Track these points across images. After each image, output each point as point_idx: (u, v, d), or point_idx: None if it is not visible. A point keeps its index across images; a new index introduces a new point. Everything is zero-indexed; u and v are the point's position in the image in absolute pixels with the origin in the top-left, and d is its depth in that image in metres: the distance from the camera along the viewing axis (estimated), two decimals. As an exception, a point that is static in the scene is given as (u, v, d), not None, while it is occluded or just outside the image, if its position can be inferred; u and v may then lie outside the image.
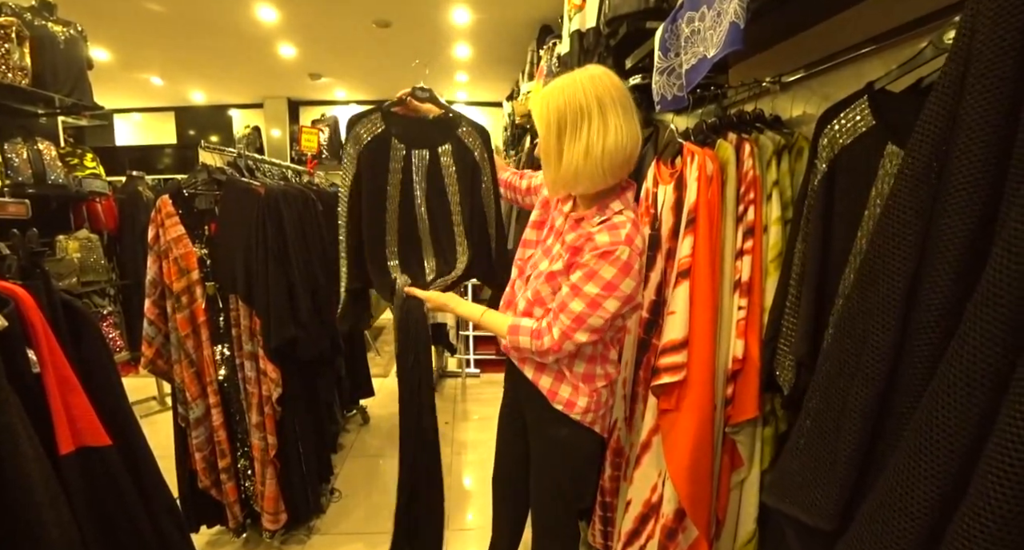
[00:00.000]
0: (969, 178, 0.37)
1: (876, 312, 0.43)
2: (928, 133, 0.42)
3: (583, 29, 1.79)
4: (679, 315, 1.01)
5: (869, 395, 0.43)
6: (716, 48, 0.86)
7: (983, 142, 0.37)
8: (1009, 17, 0.34)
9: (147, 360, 1.72)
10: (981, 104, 0.36)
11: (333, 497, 2.22)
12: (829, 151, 0.80)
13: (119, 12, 3.51)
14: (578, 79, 0.89)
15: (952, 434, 0.34)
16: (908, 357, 0.42)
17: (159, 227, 1.67)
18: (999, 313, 0.33)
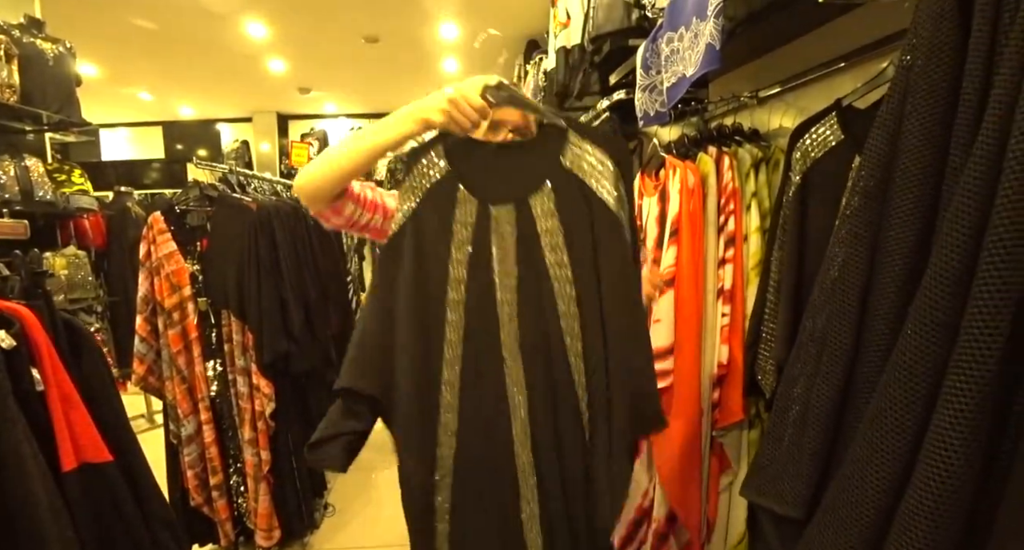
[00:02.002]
0: (909, 195, 0.42)
1: (835, 317, 0.47)
2: (874, 153, 0.46)
3: (568, 46, 1.85)
4: (664, 323, 1.04)
5: (829, 393, 0.46)
6: (694, 67, 0.91)
7: (920, 163, 0.41)
8: (941, 54, 0.38)
9: (138, 377, 1.71)
10: (918, 130, 0.40)
11: (327, 512, 2.20)
12: (802, 164, 0.85)
13: (108, 28, 3.53)
14: None
15: (898, 425, 0.38)
16: (863, 357, 0.46)
17: (151, 244, 1.67)
18: (935, 316, 0.36)
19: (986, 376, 0.33)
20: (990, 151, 0.33)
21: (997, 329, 0.32)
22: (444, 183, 0.76)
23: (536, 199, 0.76)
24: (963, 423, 0.33)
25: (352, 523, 2.15)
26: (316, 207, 0.84)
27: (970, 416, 0.33)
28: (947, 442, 0.33)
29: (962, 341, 0.34)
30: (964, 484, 0.34)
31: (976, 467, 0.34)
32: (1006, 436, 0.35)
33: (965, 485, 0.34)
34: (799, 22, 1.14)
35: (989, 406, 0.33)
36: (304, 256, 2.01)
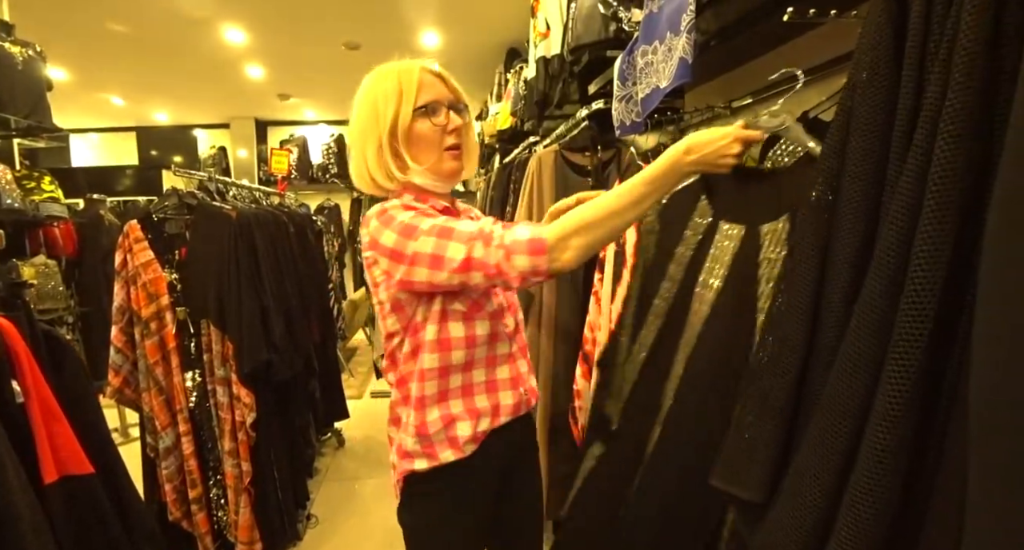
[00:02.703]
0: (853, 206, 0.46)
1: (793, 317, 0.51)
2: (824, 168, 0.51)
3: (548, 56, 1.89)
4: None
5: (785, 387, 0.50)
6: (667, 80, 0.94)
7: (863, 178, 0.45)
8: (879, 76, 0.42)
9: (114, 389, 1.68)
10: (861, 145, 0.44)
11: (310, 523, 2.17)
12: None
13: (80, 31, 3.45)
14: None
15: (845, 411, 0.42)
16: (815, 353, 0.50)
17: (127, 252, 1.64)
18: (875, 312, 0.40)
19: (916, 365, 0.37)
20: (918, 167, 0.37)
21: (924, 323, 0.36)
22: (692, 188, 0.85)
23: (769, 227, 0.75)
24: (898, 407, 0.37)
25: (336, 534, 2.13)
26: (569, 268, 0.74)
27: (904, 401, 0.37)
28: (886, 424, 0.37)
29: (896, 334, 0.38)
30: (901, 460, 0.38)
31: (909, 447, 0.38)
32: (936, 420, 0.39)
33: (902, 462, 0.38)
34: (768, 37, 1.19)
35: (920, 392, 0.37)
36: (285, 264, 2.00)
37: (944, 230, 0.35)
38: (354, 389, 3.86)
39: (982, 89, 0.34)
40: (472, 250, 0.73)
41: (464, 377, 0.84)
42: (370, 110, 0.83)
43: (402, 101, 0.81)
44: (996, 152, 0.35)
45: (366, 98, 0.85)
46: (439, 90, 0.85)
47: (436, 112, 0.83)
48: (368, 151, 0.83)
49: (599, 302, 1.34)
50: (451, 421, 0.83)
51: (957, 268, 0.36)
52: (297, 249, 2.18)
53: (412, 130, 0.82)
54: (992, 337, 0.32)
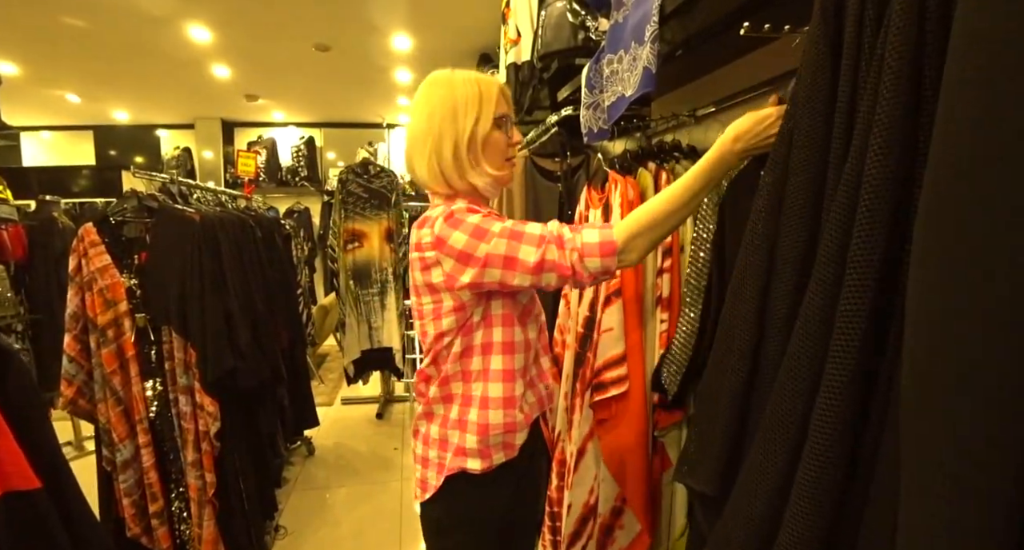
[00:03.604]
0: (795, 213, 0.49)
1: (740, 318, 0.53)
2: (770, 173, 0.53)
3: (519, 62, 1.91)
4: (615, 332, 1.08)
5: (735, 384, 0.52)
6: (632, 88, 0.97)
7: (805, 188, 0.48)
8: (819, 94, 0.45)
9: (67, 400, 1.60)
10: (802, 157, 0.47)
11: (278, 534, 2.12)
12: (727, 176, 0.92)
13: (31, 24, 3.29)
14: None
15: (791, 409, 0.44)
16: (764, 353, 0.52)
17: (81, 257, 1.58)
18: (816, 314, 0.43)
19: (853, 365, 0.39)
20: (852, 178, 0.40)
21: (859, 324, 0.39)
22: (752, 167, 0.81)
23: None
24: (838, 403, 0.40)
25: (305, 545, 2.08)
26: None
27: (843, 398, 0.40)
28: (826, 419, 0.40)
29: (835, 336, 0.41)
30: (842, 454, 0.40)
31: (848, 441, 0.40)
32: (872, 415, 0.41)
33: (842, 455, 0.40)
34: (729, 49, 1.24)
35: (857, 389, 0.40)
36: (252, 269, 1.95)
37: (875, 236, 0.38)
38: (324, 396, 3.78)
39: (907, 104, 0.37)
40: (546, 252, 0.77)
41: (523, 382, 0.90)
42: (450, 112, 0.86)
43: (482, 109, 0.87)
44: (922, 164, 0.38)
45: (445, 99, 0.87)
46: (507, 106, 0.92)
47: (506, 125, 0.90)
48: (444, 150, 0.87)
49: (568, 304, 1.36)
50: (512, 429, 0.88)
51: (888, 273, 0.39)
52: (264, 253, 2.13)
53: (489, 137, 0.88)
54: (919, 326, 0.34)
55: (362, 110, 5.71)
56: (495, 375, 0.86)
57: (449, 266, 0.81)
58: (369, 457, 2.88)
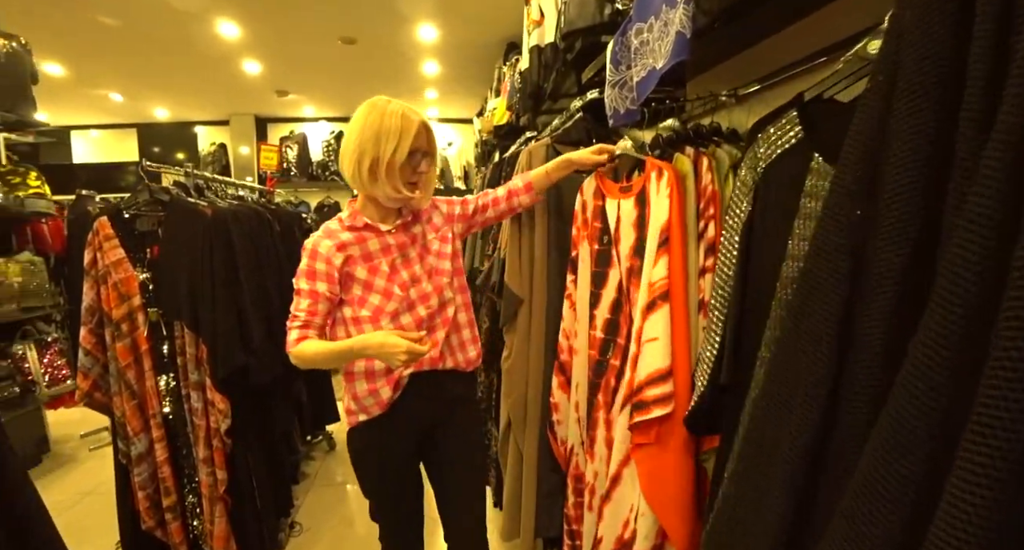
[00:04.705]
0: (902, 197, 0.33)
1: (807, 352, 0.38)
2: (856, 149, 0.38)
3: (542, 44, 1.79)
4: (661, 342, 0.93)
5: (799, 448, 0.37)
6: (664, 58, 0.84)
7: (915, 156, 0.32)
8: (938, 15, 0.30)
9: (83, 393, 1.60)
10: (912, 116, 0.32)
11: (293, 531, 2.09)
12: (753, 165, 0.77)
13: (71, 26, 3.39)
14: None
15: (892, 502, 0.28)
16: (842, 405, 0.36)
17: (96, 250, 1.57)
18: (944, 359, 0.27)
19: (1014, 437, 0.23)
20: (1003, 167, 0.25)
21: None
22: (795, 151, 0.73)
23: None
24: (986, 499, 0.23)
25: (319, 543, 2.04)
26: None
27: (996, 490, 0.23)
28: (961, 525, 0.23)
29: (982, 392, 0.24)
30: None
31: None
32: None
33: None
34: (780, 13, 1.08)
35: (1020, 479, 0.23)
36: (268, 263, 1.91)
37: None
38: (350, 390, 3.78)
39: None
40: (290, 316, 1.15)
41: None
42: (373, 135, 1.08)
43: (401, 141, 1.07)
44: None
45: (371, 125, 1.08)
46: (423, 142, 1.12)
47: (414, 157, 1.11)
48: (363, 163, 1.09)
49: (574, 306, 1.24)
50: (374, 392, 1.17)
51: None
52: (282, 248, 2.09)
53: (398, 165, 1.08)
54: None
55: (391, 104, 5.68)
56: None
57: None
58: (389, 455, 2.84)
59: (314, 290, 1.10)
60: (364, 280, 1.13)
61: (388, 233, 1.16)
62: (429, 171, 1.16)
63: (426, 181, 1.17)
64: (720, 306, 0.75)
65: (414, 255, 1.19)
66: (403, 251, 1.18)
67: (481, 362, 1.35)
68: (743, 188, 0.76)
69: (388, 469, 1.23)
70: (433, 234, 1.24)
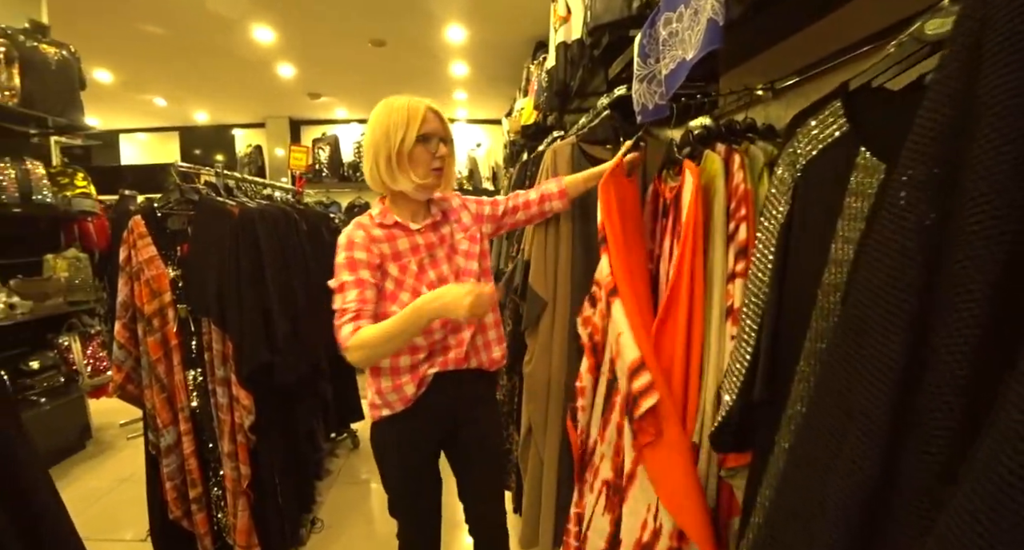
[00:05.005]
0: (996, 187, 0.26)
1: (864, 384, 0.31)
2: (929, 135, 0.31)
3: (568, 41, 1.75)
4: (626, 334, 0.96)
5: (855, 490, 0.30)
6: (695, 49, 0.79)
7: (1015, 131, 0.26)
8: None
9: (116, 385, 1.65)
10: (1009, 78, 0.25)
11: (315, 528, 2.11)
12: (792, 161, 0.71)
13: (119, 34, 3.56)
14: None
15: None
16: (908, 442, 0.29)
17: (131, 248, 1.62)
18: None
19: None
20: None
21: None
22: (839, 145, 0.67)
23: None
24: None
25: (340, 540, 2.05)
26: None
27: None
28: None
29: None
30: None
31: None
32: None
33: None
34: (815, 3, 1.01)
35: None
36: (294, 262, 1.94)
37: None
38: (375, 389, 3.81)
39: None
40: (336, 317, 1.07)
41: (411, 358, 1.16)
42: (383, 131, 1.10)
43: (408, 129, 1.08)
44: None
45: (380, 121, 1.11)
46: (435, 126, 1.12)
47: (430, 141, 1.11)
48: (379, 160, 1.11)
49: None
50: (398, 387, 1.16)
51: None
52: (309, 247, 2.12)
53: (412, 152, 1.10)
54: None
55: (420, 106, 5.74)
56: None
57: None
58: (411, 454, 2.84)
59: (359, 279, 1.08)
60: (395, 277, 1.13)
61: (417, 233, 1.17)
62: (450, 157, 1.16)
63: (448, 170, 1.17)
64: (753, 314, 0.69)
65: (442, 255, 1.19)
66: (431, 251, 1.18)
67: (504, 363, 1.33)
68: (780, 187, 0.70)
69: (409, 464, 1.23)
70: (462, 234, 1.23)
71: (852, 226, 0.62)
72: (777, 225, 0.69)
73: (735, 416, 0.69)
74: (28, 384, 2.40)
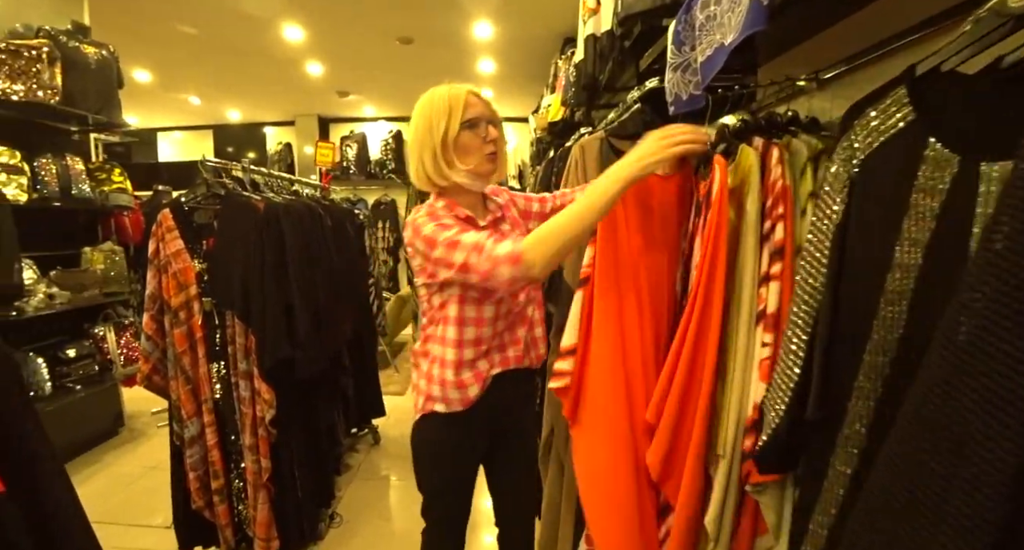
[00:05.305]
0: None
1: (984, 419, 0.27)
2: None
3: (597, 33, 1.69)
4: (572, 319, 0.96)
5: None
6: (735, 32, 0.74)
7: None
8: None
9: (143, 375, 1.68)
10: None
11: (334, 522, 2.12)
12: (848, 156, 0.64)
13: (156, 35, 3.67)
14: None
15: None
16: None
17: (159, 241, 1.64)
18: None
19: None
20: None
21: None
22: (904, 137, 0.60)
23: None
24: None
25: (358, 536, 2.05)
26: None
27: None
28: None
29: None
30: None
31: None
32: None
33: None
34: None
35: None
36: (317, 257, 1.94)
37: None
38: (398, 385, 3.83)
39: None
40: (468, 258, 0.94)
41: (474, 350, 1.08)
42: (426, 125, 1.04)
43: (451, 118, 1.03)
44: None
45: (422, 115, 1.06)
46: (480, 109, 1.06)
47: (478, 126, 1.05)
48: (425, 157, 1.05)
49: None
50: (462, 385, 1.08)
51: None
52: (333, 242, 2.12)
53: (459, 140, 1.04)
54: None
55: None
56: (448, 341, 1.07)
57: (419, 261, 1.04)
58: (431, 452, 2.83)
59: (464, 228, 0.99)
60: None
61: (483, 229, 1.09)
62: (501, 141, 1.08)
63: (501, 153, 1.10)
64: (803, 324, 0.63)
65: None
66: None
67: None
68: (835, 184, 0.64)
69: (455, 471, 1.17)
70: (517, 232, 1.19)
71: (921, 226, 0.56)
72: (831, 226, 0.62)
73: (782, 435, 0.63)
74: (65, 371, 2.48)
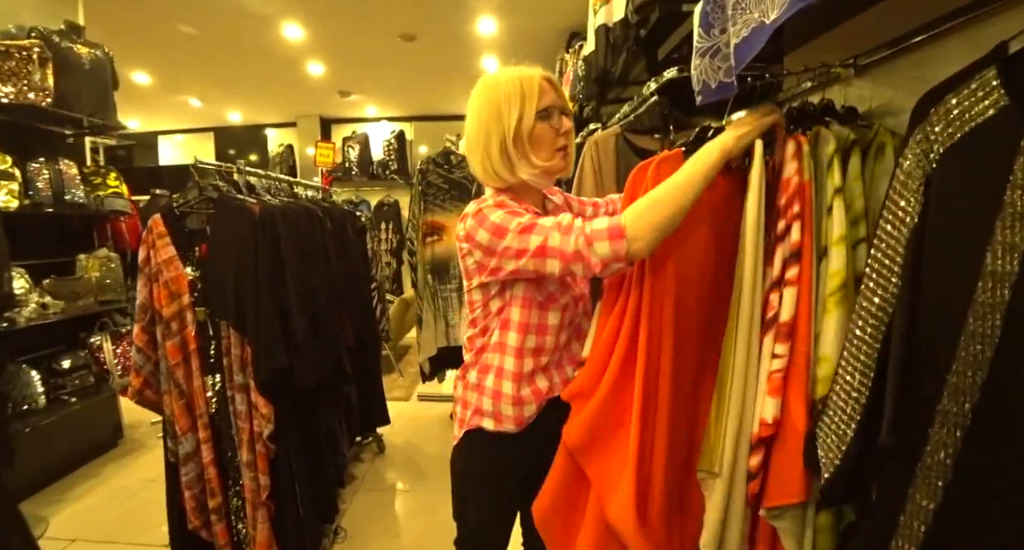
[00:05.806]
0: None
1: None
2: None
3: (610, 23, 1.59)
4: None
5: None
6: (779, 9, 0.64)
7: None
8: None
9: (134, 390, 1.60)
10: None
11: (338, 537, 2.03)
12: (926, 147, 0.55)
13: (156, 35, 3.60)
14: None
15: None
16: None
17: (150, 248, 1.56)
18: None
19: None
20: None
21: None
22: (994, 126, 0.52)
23: None
24: None
25: (362, 552, 1.97)
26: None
27: None
28: None
29: None
30: None
31: None
32: None
33: None
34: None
35: None
36: (315, 261, 1.86)
37: None
38: (402, 390, 3.75)
39: None
40: (548, 239, 0.82)
41: (534, 361, 0.96)
42: (494, 111, 0.93)
43: (525, 105, 0.92)
44: None
45: (489, 100, 0.94)
46: (554, 97, 0.95)
47: (552, 116, 0.94)
48: (492, 148, 0.93)
49: None
50: (519, 402, 0.96)
51: None
52: (332, 246, 2.04)
53: (533, 131, 0.93)
54: None
55: (450, 102, 5.67)
56: (509, 350, 0.95)
57: (478, 256, 0.90)
58: (438, 460, 2.74)
59: (535, 214, 0.89)
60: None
61: None
62: (571, 133, 0.98)
63: (571, 147, 0.99)
64: (872, 341, 0.54)
65: None
66: None
67: None
68: (908, 182, 0.55)
69: (505, 498, 1.05)
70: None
71: (1018, 229, 0.46)
72: (905, 230, 0.53)
73: (850, 463, 0.54)
74: (60, 383, 2.41)
